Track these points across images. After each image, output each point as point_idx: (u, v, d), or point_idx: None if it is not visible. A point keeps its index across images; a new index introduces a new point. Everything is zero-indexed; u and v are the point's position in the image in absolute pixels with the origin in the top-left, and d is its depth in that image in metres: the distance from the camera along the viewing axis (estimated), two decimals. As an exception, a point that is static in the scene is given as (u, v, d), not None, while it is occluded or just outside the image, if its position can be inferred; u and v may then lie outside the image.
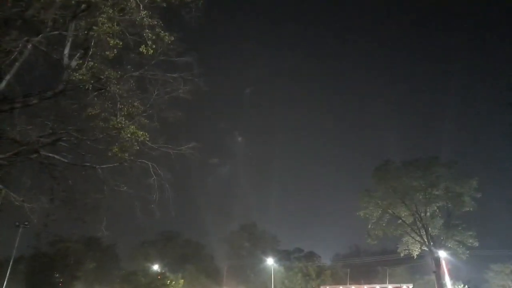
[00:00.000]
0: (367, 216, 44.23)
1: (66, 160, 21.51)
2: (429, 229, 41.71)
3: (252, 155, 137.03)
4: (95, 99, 19.87)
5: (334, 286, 38.80)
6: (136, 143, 21.58)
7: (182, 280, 51.17)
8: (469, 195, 39.62)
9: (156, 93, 22.20)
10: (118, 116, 20.74)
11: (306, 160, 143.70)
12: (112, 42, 14.52)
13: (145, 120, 22.07)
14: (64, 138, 21.54)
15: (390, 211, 43.55)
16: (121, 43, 14.85)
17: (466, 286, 38.02)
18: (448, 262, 40.77)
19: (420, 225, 42.25)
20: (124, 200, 23.08)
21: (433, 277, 42.62)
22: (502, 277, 49.48)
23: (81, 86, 18.84)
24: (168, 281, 48.98)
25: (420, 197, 41.57)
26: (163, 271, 51.90)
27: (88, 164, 22.21)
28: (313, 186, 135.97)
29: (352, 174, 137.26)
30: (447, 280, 39.50)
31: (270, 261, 49.81)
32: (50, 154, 21.38)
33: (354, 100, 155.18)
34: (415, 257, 44.61)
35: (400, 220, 43.67)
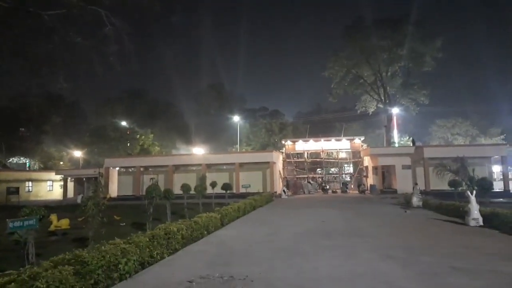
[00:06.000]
0: (331, 75, 45.47)
1: (5, 4, 19.03)
2: (388, 88, 44.05)
3: (220, 13, 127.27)
4: None
5: (294, 139, 42.08)
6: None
7: (152, 135, 53.35)
8: (431, 55, 40.82)
9: None
10: None
11: (274, 19, 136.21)
12: None
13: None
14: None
15: (354, 70, 44.80)
16: None
17: (411, 138, 42.54)
18: (399, 118, 44.61)
19: (380, 84, 44.41)
20: (81, 54, 21.72)
21: (383, 131, 47.19)
22: (443, 130, 55.63)
23: None
24: (138, 136, 50.96)
25: (385, 56, 42.44)
26: (132, 126, 53.23)
27: (31, 9, 19.85)
28: (280, 46, 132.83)
29: (320, 35, 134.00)
30: (395, 133, 43.90)
31: (236, 118, 52.16)
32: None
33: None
34: (370, 114, 48.31)
35: (362, 80, 45.47)
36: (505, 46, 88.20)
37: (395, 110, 43.44)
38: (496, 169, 35.46)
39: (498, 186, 30.17)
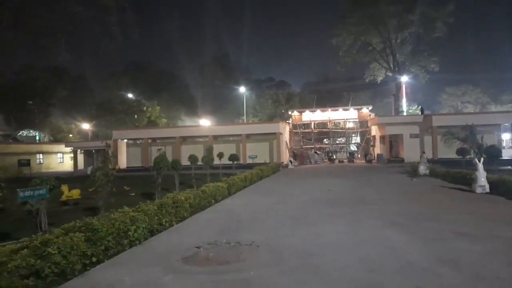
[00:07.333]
0: (339, 43, 44.40)
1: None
2: (397, 55, 42.98)
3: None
4: None
5: (301, 109, 41.82)
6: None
7: (158, 107, 53.36)
8: (442, 20, 39.43)
9: None
10: None
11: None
12: None
13: None
14: None
15: (362, 38, 43.66)
16: None
17: (420, 106, 41.94)
18: (408, 86, 43.75)
19: (389, 51, 43.33)
20: (83, 24, 21.44)
21: (392, 100, 46.47)
22: (453, 98, 54.63)
23: None
24: (145, 108, 51.01)
25: (395, 23, 41.10)
26: (138, 98, 53.22)
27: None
28: (286, 15, 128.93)
29: (327, 1, 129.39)
30: (404, 102, 43.21)
31: (242, 90, 51.64)
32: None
33: None
34: (379, 82, 47.46)
35: (371, 47, 44.37)
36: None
37: (404, 78, 42.56)
38: (506, 136, 35.01)
39: (507, 154, 29.88)
